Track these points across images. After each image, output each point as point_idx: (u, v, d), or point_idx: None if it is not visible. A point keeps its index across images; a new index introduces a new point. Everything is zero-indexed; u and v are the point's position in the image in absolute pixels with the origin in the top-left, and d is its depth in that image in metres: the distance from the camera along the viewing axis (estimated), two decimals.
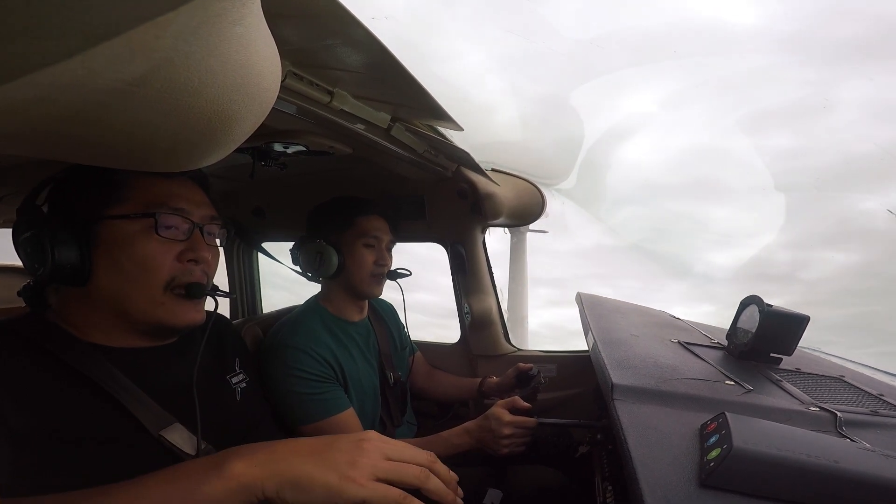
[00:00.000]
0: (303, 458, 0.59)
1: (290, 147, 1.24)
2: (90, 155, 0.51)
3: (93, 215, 0.79)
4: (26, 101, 0.36)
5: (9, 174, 1.19)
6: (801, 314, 1.09)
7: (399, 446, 0.63)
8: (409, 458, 0.62)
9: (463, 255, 1.91)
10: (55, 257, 0.75)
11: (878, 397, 0.96)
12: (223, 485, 0.56)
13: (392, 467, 0.59)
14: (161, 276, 0.81)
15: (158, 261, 0.81)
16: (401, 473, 0.60)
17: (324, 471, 0.57)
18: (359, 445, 0.60)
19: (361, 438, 0.62)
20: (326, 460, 0.58)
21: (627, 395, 0.84)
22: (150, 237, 0.80)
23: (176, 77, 0.39)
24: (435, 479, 0.62)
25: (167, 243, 0.82)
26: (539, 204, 1.98)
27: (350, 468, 0.58)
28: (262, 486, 0.56)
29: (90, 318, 0.81)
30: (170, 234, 0.83)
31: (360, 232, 1.46)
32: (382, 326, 1.67)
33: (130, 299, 0.80)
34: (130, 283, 0.80)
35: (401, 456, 0.61)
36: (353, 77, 0.93)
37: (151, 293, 0.81)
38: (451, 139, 1.33)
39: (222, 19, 0.38)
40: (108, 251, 0.79)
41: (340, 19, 0.68)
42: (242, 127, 0.50)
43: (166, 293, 0.82)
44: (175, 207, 0.84)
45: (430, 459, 0.63)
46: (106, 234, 0.79)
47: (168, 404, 0.81)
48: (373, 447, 0.60)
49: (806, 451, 0.57)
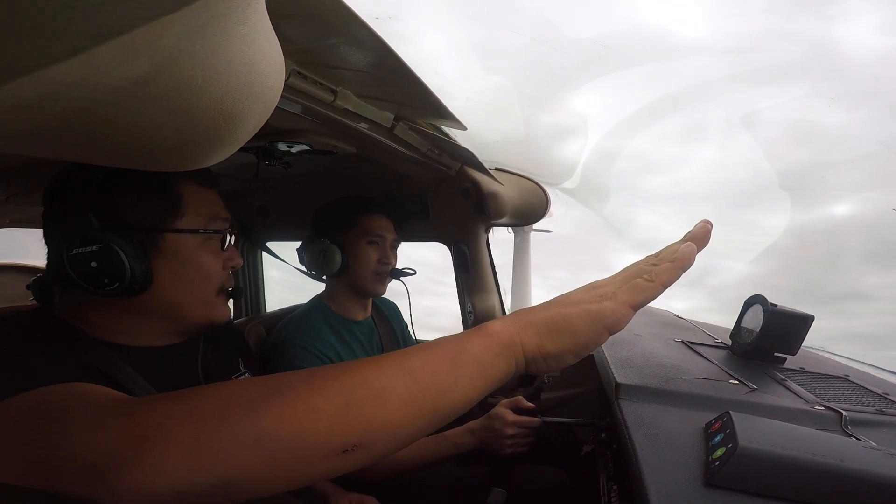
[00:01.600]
0: (552, 307, 0.58)
1: (293, 146, 1.24)
2: (94, 154, 0.51)
3: (154, 227, 0.81)
4: (30, 100, 0.36)
5: (14, 174, 1.20)
6: (805, 314, 1.09)
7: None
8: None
9: (466, 254, 1.91)
10: (133, 272, 0.75)
11: (883, 396, 0.95)
12: (484, 342, 0.55)
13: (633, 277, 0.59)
14: (215, 283, 0.89)
15: (214, 270, 0.88)
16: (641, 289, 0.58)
17: (575, 305, 0.57)
18: (592, 285, 0.60)
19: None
20: (574, 299, 0.58)
21: (631, 394, 0.84)
22: (209, 249, 0.87)
23: (180, 76, 0.39)
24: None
25: (219, 253, 0.90)
26: (543, 203, 1.98)
27: (600, 291, 0.57)
28: (521, 342, 0.55)
29: (114, 320, 0.80)
30: (220, 244, 0.91)
31: (364, 230, 1.47)
32: (386, 325, 1.67)
33: (189, 305, 0.86)
34: (189, 291, 0.85)
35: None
36: (356, 76, 0.93)
37: (207, 298, 0.88)
38: (455, 138, 1.33)
39: (227, 19, 0.38)
40: (170, 261, 0.82)
41: (344, 19, 0.69)
42: (246, 126, 0.50)
43: (218, 296, 0.90)
44: (223, 217, 0.91)
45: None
46: (167, 246, 0.82)
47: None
48: (604, 281, 0.60)
49: (812, 450, 0.56)
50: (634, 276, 0.58)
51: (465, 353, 0.54)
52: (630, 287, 0.57)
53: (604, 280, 0.60)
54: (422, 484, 1.35)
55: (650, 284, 0.57)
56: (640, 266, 0.60)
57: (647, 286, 0.57)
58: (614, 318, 0.56)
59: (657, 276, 0.57)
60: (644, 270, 0.58)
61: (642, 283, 0.57)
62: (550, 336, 0.56)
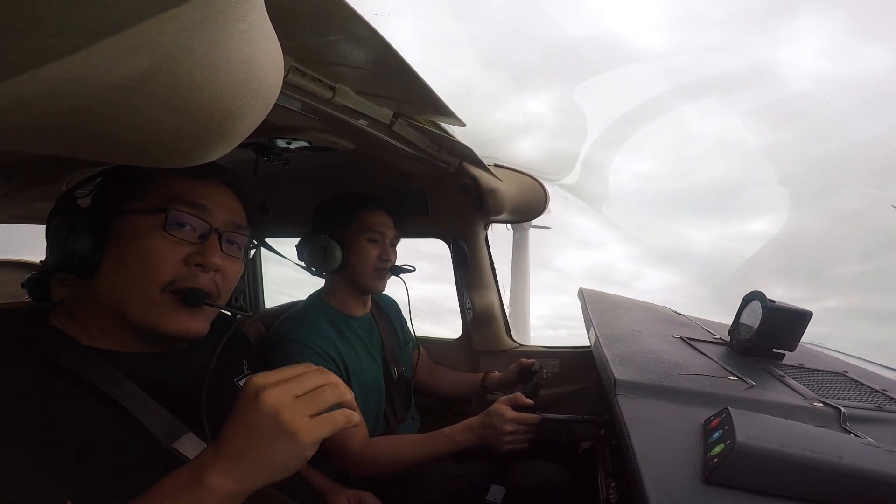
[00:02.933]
0: (253, 452, 0.59)
1: (292, 143, 1.24)
2: (94, 150, 0.51)
3: (114, 209, 0.78)
4: (31, 97, 0.36)
5: (13, 170, 1.20)
6: (804, 310, 1.09)
7: (288, 378, 0.63)
8: (310, 385, 0.63)
9: (465, 250, 1.91)
10: (66, 244, 0.73)
11: (882, 393, 0.95)
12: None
13: (310, 399, 0.61)
14: (161, 275, 0.76)
15: (162, 259, 0.76)
16: (317, 402, 0.61)
17: (270, 445, 0.59)
18: (268, 409, 0.60)
19: (261, 401, 0.61)
20: (263, 435, 0.59)
21: (630, 390, 0.84)
22: (158, 233, 0.77)
23: (179, 73, 0.39)
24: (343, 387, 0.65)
25: (176, 243, 0.78)
26: (542, 200, 1.97)
27: (285, 426, 0.59)
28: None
29: (95, 317, 0.78)
30: (180, 233, 0.79)
31: (364, 227, 1.46)
32: (385, 322, 1.67)
33: (128, 297, 0.76)
34: (130, 279, 0.76)
35: (303, 387, 0.62)
36: (355, 73, 0.93)
37: (148, 292, 0.76)
38: (454, 135, 1.33)
39: (226, 16, 0.38)
40: (117, 245, 0.76)
41: (343, 15, 0.68)
42: (245, 122, 0.50)
43: (163, 294, 0.77)
44: (194, 203, 0.80)
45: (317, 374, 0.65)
46: (121, 228, 0.77)
47: (176, 411, 0.79)
48: (274, 397, 0.60)
49: (810, 446, 0.57)
50: (337, 417, 0.64)
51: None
52: (327, 421, 0.62)
53: (286, 403, 0.61)
54: (421, 481, 1.35)
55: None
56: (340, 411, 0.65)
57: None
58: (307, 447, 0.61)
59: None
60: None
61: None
62: (256, 479, 0.61)
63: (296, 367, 0.64)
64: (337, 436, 0.66)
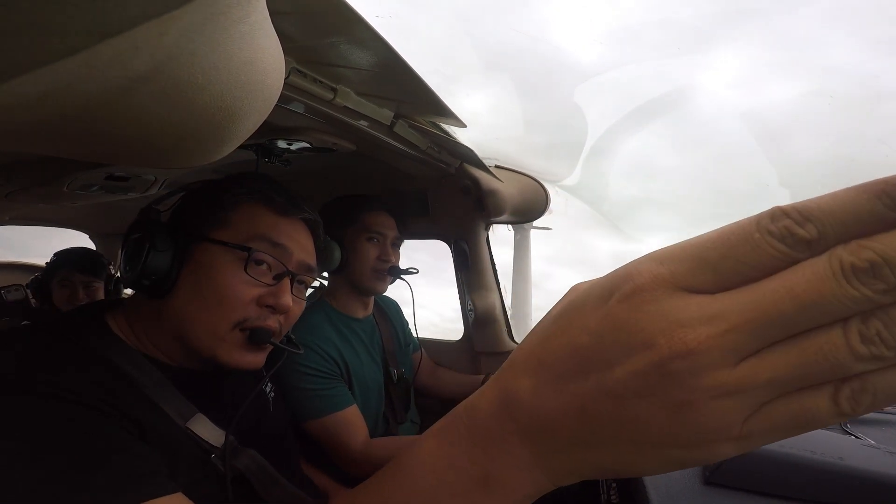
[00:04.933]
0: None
1: (293, 144, 1.24)
2: (95, 151, 0.52)
3: (195, 234, 0.78)
4: (31, 98, 0.36)
5: (14, 171, 1.20)
6: None
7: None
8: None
9: (466, 251, 1.91)
10: (146, 263, 0.73)
11: None
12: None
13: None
14: (234, 313, 0.76)
15: (238, 297, 0.76)
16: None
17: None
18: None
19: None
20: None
21: None
22: (238, 270, 0.77)
23: (180, 74, 0.39)
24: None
25: (253, 284, 0.78)
26: (543, 201, 1.97)
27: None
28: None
29: (153, 333, 0.77)
30: (257, 272, 0.78)
31: (364, 227, 1.47)
32: (387, 324, 1.67)
33: (196, 326, 0.75)
34: (202, 310, 0.75)
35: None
36: (356, 74, 0.93)
37: (218, 326, 0.75)
38: (455, 136, 1.33)
39: (227, 17, 0.38)
40: (194, 272, 0.76)
41: (344, 17, 0.69)
42: (246, 123, 0.50)
43: (233, 332, 0.76)
44: (276, 242, 0.80)
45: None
46: (199, 255, 0.77)
47: (218, 421, 0.77)
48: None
49: (810, 447, 0.57)
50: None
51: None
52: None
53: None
54: None
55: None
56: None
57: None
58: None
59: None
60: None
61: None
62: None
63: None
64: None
